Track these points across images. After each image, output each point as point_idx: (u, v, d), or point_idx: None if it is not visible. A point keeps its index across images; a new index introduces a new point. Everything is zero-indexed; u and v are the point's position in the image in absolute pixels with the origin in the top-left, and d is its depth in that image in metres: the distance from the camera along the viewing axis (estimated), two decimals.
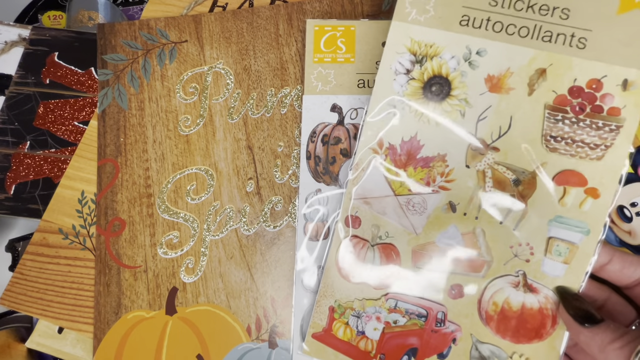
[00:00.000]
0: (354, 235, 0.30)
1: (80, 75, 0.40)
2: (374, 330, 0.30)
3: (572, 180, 0.27)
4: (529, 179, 0.27)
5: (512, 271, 0.28)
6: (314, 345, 0.30)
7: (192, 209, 0.35)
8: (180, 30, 0.39)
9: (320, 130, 0.34)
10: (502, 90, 0.27)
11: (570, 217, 0.27)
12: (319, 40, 0.35)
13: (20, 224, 0.42)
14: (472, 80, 0.28)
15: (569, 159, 0.27)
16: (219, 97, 0.37)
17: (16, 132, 0.38)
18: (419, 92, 0.29)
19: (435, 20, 0.28)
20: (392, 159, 0.29)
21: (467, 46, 0.28)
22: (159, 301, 0.33)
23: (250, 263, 0.34)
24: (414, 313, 0.29)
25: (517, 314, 0.28)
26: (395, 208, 0.29)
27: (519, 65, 0.27)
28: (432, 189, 0.29)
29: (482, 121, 0.28)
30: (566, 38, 0.26)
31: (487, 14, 0.27)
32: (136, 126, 0.37)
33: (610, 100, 0.26)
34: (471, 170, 0.28)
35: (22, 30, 0.41)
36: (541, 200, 0.27)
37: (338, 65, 0.34)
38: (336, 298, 0.30)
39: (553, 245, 0.27)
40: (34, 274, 0.35)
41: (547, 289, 0.28)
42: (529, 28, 0.27)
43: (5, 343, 0.35)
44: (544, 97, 0.27)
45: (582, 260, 0.27)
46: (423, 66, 0.28)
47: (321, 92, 0.34)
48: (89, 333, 0.33)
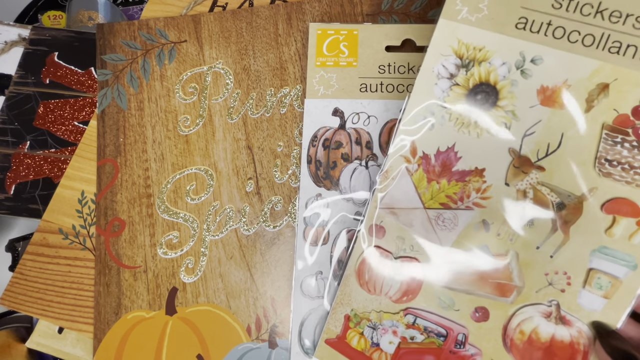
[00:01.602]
0: (377, 246, 0.28)
1: (80, 75, 0.40)
2: (389, 344, 0.28)
3: (624, 210, 0.24)
4: (575, 203, 0.25)
5: (544, 300, 0.26)
6: (325, 351, 0.30)
7: (192, 209, 0.35)
8: (179, 30, 0.39)
9: (322, 134, 0.34)
10: (556, 105, 0.25)
11: (617, 249, 0.25)
12: (321, 43, 0.35)
13: (20, 224, 0.42)
14: (523, 90, 0.25)
15: (623, 186, 0.24)
16: (219, 97, 0.37)
17: (16, 132, 0.38)
18: (462, 99, 0.26)
19: (488, 21, 0.25)
20: (424, 169, 0.27)
21: (521, 52, 0.25)
22: (159, 301, 0.33)
23: (250, 263, 0.34)
24: (433, 332, 0.28)
25: (545, 346, 0.26)
26: (424, 222, 0.27)
27: (578, 77, 0.24)
28: (465, 205, 0.27)
29: (528, 137, 0.25)
30: (637, 50, 0.23)
31: (549, 17, 0.24)
32: (136, 126, 0.37)
33: None
34: (510, 189, 0.26)
35: (22, 30, 0.41)
36: (586, 227, 0.25)
37: (340, 69, 0.34)
38: (353, 307, 0.29)
39: (594, 277, 0.25)
40: (34, 274, 0.35)
41: (581, 323, 0.25)
42: (595, 36, 0.24)
43: (5, 343, 0.36)
44: (603, 115, 0.24)
45: (625, 296, 0.25)
46: (469, 71, 0.26)
47: (323, 96, 0.34)
48: (89, 333, 0.34)
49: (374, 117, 0.34)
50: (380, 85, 0.34)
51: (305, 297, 0.32)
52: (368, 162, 0.33)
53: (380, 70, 0.34)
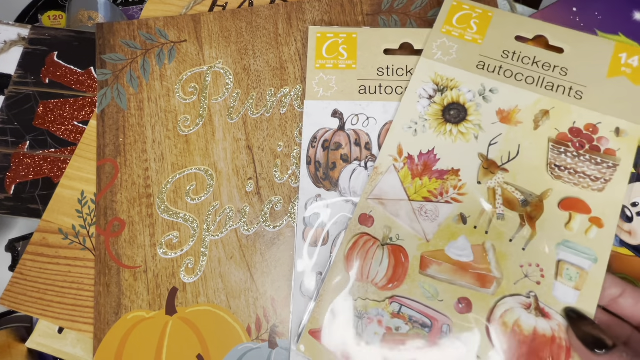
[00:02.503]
0: (366, 233, 0.31)
1: (79, 75, 0.40)
2: (374, 335, 0.29)
3: (577, 207, 0.29)
4: (537, 202, 0.29)
5: (522, 292, 0.28)
6: (309, 342, 0.30)
7: (192, 209, 0.35)
8: (179, 30, 0.39)
9: (321, 135, 0.34)
10: (511, 123, 0.31)
11: (578, 243, 0.28)
12: (320, 46, 0.35)
13: (20, 224, 0.42)
14: (486, 111, 0.31)
15: (572, 187, 0.29)
16: (219, 97, 0.37)
17: (16, 132, 0.38)
18: (439, 113, 0.32)
19: (456, 61, 0.33)
20: (409, 167, 0.31)
21: (482, 84, 0.32)
22: (159, 301, 0.33)
23: (250, 263, 0.34)
24: (417, 322, 0.29)
25: (529, 339, 0.27)
26: (409, 212, 0.31)
27: (525, 104, 0.31)
28: (445, 200, 0.30)
29: (493, 145, 0.31)
30: (565, 89, 0.31)
31: (500, 63, 0.32)
32: (135, 126, 0.37)
33: (606, 142, 0.29)
34: (482, 187, 0.30)
35: (22, 29, 0.41)
36: (549, 223, 0.29)
37: (340, 72, 0.35)
38: (340, 294, 0.30)
39: (563, 268, 0.28)
40: (34, 274, 0.35)
41: (560, 317, 0.27)
42: (534, 78, 0.31)
43: (5, 343, 0.36)
44: (548, 132, 0.30)
45: (593, 288, 0.27)
46: (444, 94, 0.32)
47: (322, 97, 0.34)
48: (89, 333, 0.34)
49: (373, 119, 0.34)
50: (379, 87, 0.34)
51: (305, 298, 0.32)
52: (367, 163, 0.33)
53: (379, 73, 0.34)
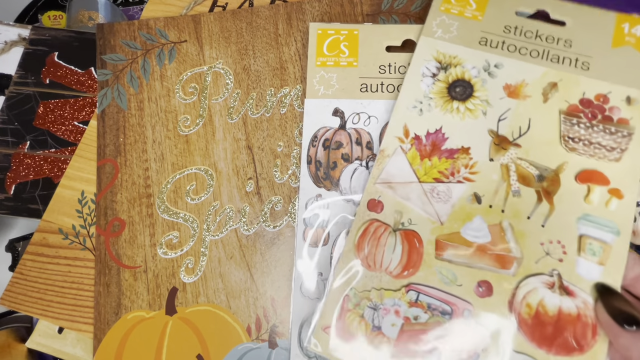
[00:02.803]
0: (376, 219, 0.29)
1: (80, 75, 0.40)
2: (392, 326, 0.27)
3: (595, 178, 0.28)
4: (552, 176, 0.28)
5: (545, 270, 0.27)
6: (322, 338, 0.27)
7: (192, 209, 0.35)
8: (179, 30, 0.39)
9: (322, 134, 0.34)
10: (520, 97, 0.30)
11: (599, 216, 0.27)
12: (321, 43, 0.35)
13: (20, 224, 0.42)
14: (492, 86, 0.31)
15: (588, 158, 0.28)
16: (219, 97, 0.37)
17: (16, 132, 0.38)
18: (444, 91, 0.31)
19: (458, 38, 0.32)
20: (417, 148, 0.30)
21: (486, 60, 0.31)
22: (159, 301, 0.33)
23: (250, 263, 0.34)
24: (437, 309, 0.27)
25: (554, 320, 0.26)
26: (420, 195, 0.29)
27: (532, 78, 0.30)
28: (456, 180, 0.29)
29: (502, 121, 0.30)
30: (571, 61, 0.30)
31: (502, 38, 0.31)
32: (135, 126, 0.37)
33: (617, 112, 0.29)
34: (495, 164, 0.29)
35: (22, 30, 0.41)
36: (567, 197, 0.28)
37: (341, 69, 0.34)
38: (352, 285, 0.28)
39: (586, 243, 0.27)
40: (34, 274, 0.35)
41: (585, 294, 0.26)
42: (538, 51, 0.31)
43: (5, 343, 0.36)
44: (558, 104, 0.29)
45: (618, 262, 0.26)
46: (448, 72, 0.31)
47: (323, 95, 0.34)
48: (89, 333, 0.34)
49: (374, 117, 0.34)
50: (380, 85, 0.34)
51: (305, 299, 0.31)
52: (368, 163, 0.33)
53: (381, 71, 0.34)
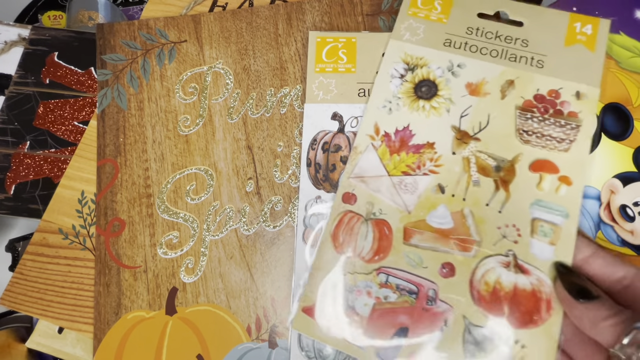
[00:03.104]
0: (350, 210, 0.32)
1: (80, 75, 0.40)
2: (365, 306, 0.30)
3: (546, 167, 0.31)
4: (509, 166, 0.31)
5: (502, 251, 0.29)
6: (303, 320, 0.30)
7: (192, 209, 0.35)
8: (179, 30, 0.39)
9: (321, 138, 0.34)
10: (480, 94, 0.33)
11: (549, 201, 0.30)
12: (320, 50, 0.36)
13: (20, 224, 0.42)
14: (455, 85, 0.33)
15: (540, 150, 0.31)
16: (219, 97, 0.37)
17: (16, 132, 0.38)
18: (411, 91, 0.34)
19: (424, 41, 0.35)
20: (387, 144, 0.33)
21: (450, 60, 0.34)
22: (159, 301, 0.33)
23: (250, 263, 0.34)
24: (404, 289, 0.30)
25: (510, 295, 0.28)
26: (389, 187, 0.32)
27: (491, 76, 0.33)
28: (422, 172, 0.32)
29: (464, 117, 0.32)
30: (527, 59, 0.33)
31: (465, 39, 0.34)
32: (135, 126, 0.37)
33: (568, 106, 0.31)
34: (457, 157, 0.32)
35: (22, 30, 0.41)
36: (522, 185, 0.30)
37: (339, 75, 0.35)
38: (329, 270, 0.31)
39: (538, 226, 0.29)
40: (34, 274, 0.35)
41: (539, 272, 0.29)
42: (498, 51, 0.33)
43: (5, 343, 0.36)
44: (514, 100, 0.32)
45: (568, 242, 0.29)
46: (414, 72, 0.34)
47: (322, 100, 0.35)
48: (89, 333, 0.34)
49: None
50: None
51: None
52: None
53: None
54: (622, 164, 0.33)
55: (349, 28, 0.38)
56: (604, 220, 0.32)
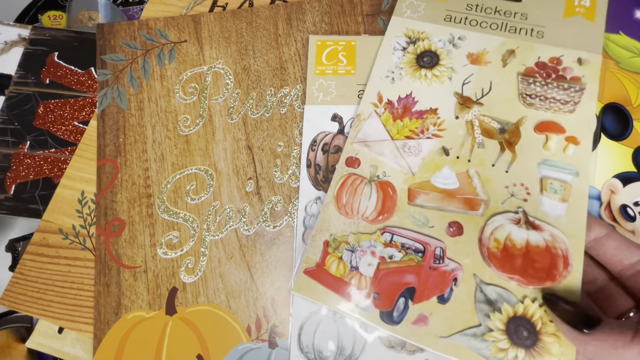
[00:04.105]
0: (353, 173, 0.32)
1: (80, 75, 0.40)
2: (369, 266, 0.29)
3: (552, 128, 0.31)
4: (513, 128, 0.31)
5: (511, 209, 0.29)
6: (304, 282, 0.30)
7: (192, 209, 0.35)
8: (179, 30, 0.39)
9: (321, 139, 0.34)
10: (481, 63, 0.33)
11: (558, 160, 0.30)
12: (320, 53, 0.36)
13: (20, 224, 0.42)
14: (456, 55, 0.34)
15: (545, 112, 0.31)
16: (219, 97, 0.37)
17: (16, 132, 0.38)
18: (413, 61, 0.34)
19: (425, 17, 0.35)
20: (390, 111, 0.33)
21: (451, 33, 0.35)
22: (159, 301, 0.33)
23: (250, 263, 0.34)
24: (410, 248, 0.29)
25: (522, 252, 0.28)
26: (392, 150, 0.32)
27: (492, 46, 0.34)
28: (426, 136, 0.32)
29: (466, 85, 0.33)
30: (527, 31, 0.34)
31: (465, 15, 0.35)
32: (136, 126, 0.37)
33: (570, 71, 0.32)
34: (460, 121, 0.32)
35: (22, 30, 0.41)
36: (528, 146, 0.30)
37: (339, 77, 0.36)
38: (332, 232, 0.31)
39: (547, 183, 0.29)
40: (34, 274, 0.35)
41: (552, 227, 0.28)
42: (497, 24, 0.34)
43: (5, 343, 0.36)
44: (516, 67, 0.33)
45: (580, 199, 0.28)
46: (416, 45, 0.35)
47: (322, 102, 0.35)
48: (89, 333, 0.34)
49: None
50: None
51: (305, 301, 0.31)
52: None
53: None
54: (621, 164, 0.33)
55: (349, 28, 0.38)
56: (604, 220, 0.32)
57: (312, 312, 0.31)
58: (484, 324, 0.27)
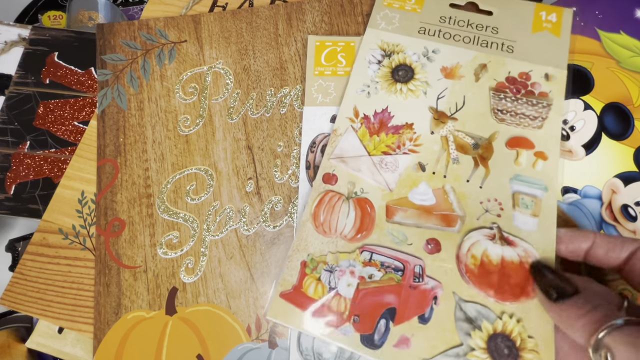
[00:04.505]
0: (330, 190, 0.32)
1: (80, 75, 0.40)
2: (348, 287, 0.29)
3: (522, 144, 0.32)
4: (486, 144, 0.32)
5: (486, 225, 0.30)
6: (280, 307, 0.29)
7: (192, 209, 0.35)
8: (179, 30, 0.39)
9: (320, 140, 0.34)
10: (455, 77, 0.34)
11: (528, 176, 0.31)
12: (319, 54, 0.36)
13: (20, 224, 0.42)
14: (431, 69, 0.34)
15: (515, 127, 0.32)
16: (219, 97, 0.37)
17: (16, 132, 0.38)
18: (388, 75, 0.35)
19: (399, 29, 0.36)
20: (366, 126, 0.33)
21: (425, 46, 0.35)
22: (159, 301, 0.33)
23: (250, 263, 0.33)
24: (390, 266, 0.29)
25: (498, 268, 0.28)
26: (370, 166, 0.32)
27: (465, 60, 0.34)
28: (402, 152, 0.32)
29: (441, 99, 0.33)
30: (498, 45, 0.34)
31: (439, 27, 0.35)
32: (136, 126, 0.37)
33: (538, 87, 0.33)
34: (435, 136, 0.33)
35: (22, 30, 0.41)
36: (500, 161, 0.31)
37: (338, 78, 0.35)
38: (309, 252, 0.30)
39: (519, 198, 0.30)
40: (34, 274, 0.35)
41: (525, 243, 0.29)
42: (470, 37, 0.35)
43: (5, 343, 0.36)
44: (488, 82, 0.33)
45: (549, 214, 0.29)
46: (391, 58, 0.35)
47: (321, 103, 0.35)
48: (89, 333, 0.33)
49: None
50: None
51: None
52: None
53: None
54: (623, 164, 0.32)
55: (349, 28, 0.38)
56: (605, 220, 0.32)
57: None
58: (465, 343, 0.27)
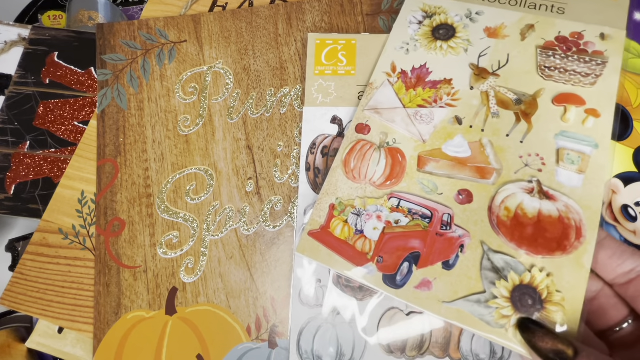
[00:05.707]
0: (363, 139, 0.32)
1: (80, 75, 0.40)
2: (374, 230, 0.29)
3: (571, 100, 0.30)
4: (530, 100, 0.31)
5: (524, 178, 0.28)
6: (308, 244, 0.30)
7: (192, 209, 0.35)
8: (179, 30, 0.39)
9: (320, 142, 0.34)
10: (499, 37, 0.33)
11: (576, 132, 0.29)
12: (320, 53, 0.36)
13: (20, 224, 0.42)
14: (473, 29, 0.34)
15: (564, 84, 0.30)
16: (219, 97, 0.37)
17: (16, 132, 0.38)
18: (429, 33, 0.34)
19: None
20: (403, 81, 0.33)
21: (468, 9, 0.35)
22: (159, 301, 0.33)
23: (250, 263, 0.33)
24: (417, 213, 0.29)
25: (534, 221, 0.27)
26: (404, 117, 0.32)
27: (511, 21, 0.33)
28: (439, 106, 0.32)
29: (483, 57, 0.33)
30: (547, 7, 0.33)
31: None
32: (136, 126, 0.37)
33: (592, 46, 0.31)
34: (475, 92, 0.32)
35: (22, 30, 0.41)
36: (545, 117, 0.30)
37: (339, 78, 0.35)
38: (338, 196, 0.31)
39: (564, 154, 0.28)
40: (34, 274, 0.35)
41: (566, 198, 0.27)
42: (517, 0, 0.34)
43: (5, 343, 0.36)
44: (535, 41, 0.32)
45: (598, 171, 0.28)
46: (432, 18, 0.35)
47: (322, 104, 0.35)
48: (89, 333, 0.34)
49: None
50: None
51: (304, 306, 0.31)
52: None
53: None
54: (622, 164, 0.32)
55: (349, 28, 0.38)
56: (606, 221, 0.32)
57: (311, 317, 0.31)
58: (488, 291, 0.27)
